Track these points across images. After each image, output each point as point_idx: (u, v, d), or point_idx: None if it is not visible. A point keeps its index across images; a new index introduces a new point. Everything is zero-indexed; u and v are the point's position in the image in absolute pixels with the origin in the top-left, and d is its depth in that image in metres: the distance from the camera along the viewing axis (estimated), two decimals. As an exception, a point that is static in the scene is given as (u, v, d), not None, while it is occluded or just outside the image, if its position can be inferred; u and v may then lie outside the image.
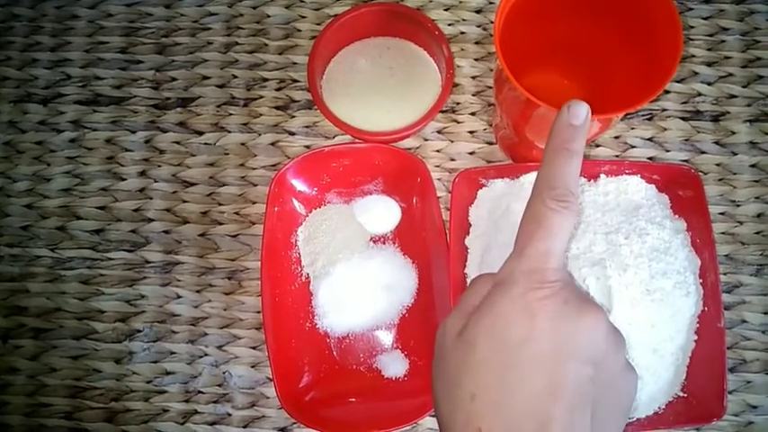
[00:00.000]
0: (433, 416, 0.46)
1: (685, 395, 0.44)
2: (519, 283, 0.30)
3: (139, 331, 0.52)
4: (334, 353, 0.50)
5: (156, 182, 0.54)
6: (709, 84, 0.53)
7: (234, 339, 0.51)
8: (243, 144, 0.54)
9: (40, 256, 0.53)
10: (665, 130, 0.53)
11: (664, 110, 0.53)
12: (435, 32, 0.49)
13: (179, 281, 0.52)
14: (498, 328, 0.30)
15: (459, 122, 0.54)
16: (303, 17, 0.56)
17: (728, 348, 0.48)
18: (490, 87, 0.54)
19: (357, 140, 0.51)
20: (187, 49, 0.56)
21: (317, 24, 0.56)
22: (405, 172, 0.50)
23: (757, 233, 0.51)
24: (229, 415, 0.50)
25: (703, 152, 0.52)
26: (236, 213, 0.53)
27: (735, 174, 0.52)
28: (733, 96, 0.53)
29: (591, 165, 0.48)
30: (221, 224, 0.53)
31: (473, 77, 0.54)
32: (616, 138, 0.53)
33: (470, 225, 0.49)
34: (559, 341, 0.29)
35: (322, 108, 0.49)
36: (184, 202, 0.54)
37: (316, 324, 0.50)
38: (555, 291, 0.30)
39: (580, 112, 0.32)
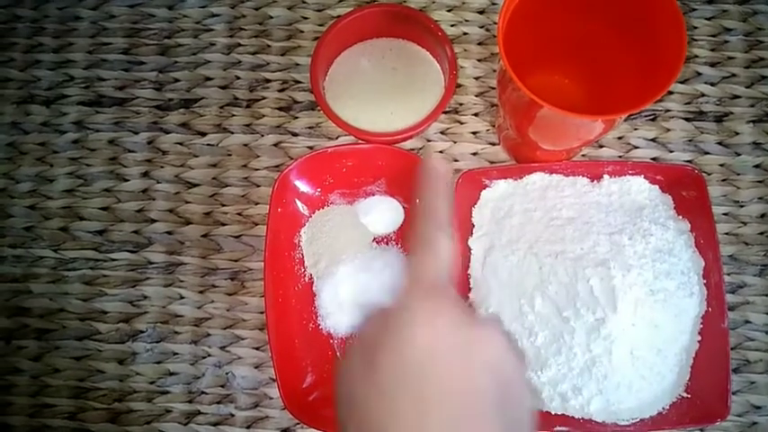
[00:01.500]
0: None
1: (689, 396, 0.44)
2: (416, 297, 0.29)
3: (142, 332, 0.52)
4: (338, 353, 0.50)
5: (158, 183, 0.54)
6: (712, 84, 0.53)
7: (237, 340, 0.51)
8: (246, 145, 0.54)
9: (43, 256, 0.54)
10: (669, 130, 0.53)
11: (667, 110, 0.53)
12: (438, 33, 0.49)
13: (182, 282, 0.52)
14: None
15: (462, 123, 0.54)
16: (306, 18, 0.56)
17: (732, 349, 0.48)
18: (493, 88, 0.54)
19: (360, 141, 0.51)
20: (190, 50, 0.56)
21: (320, 25, 0.56)
22: (408, 173, 0.49)
23: (761, 233, 0.51)
24: (232, 415, 0.50)
25: (707, 153, 0.52)
26: (239, 214, 0.53)
27: (738, 174, 0.52)
28: (736, 97, 0.53)
29: (594, 165, 0.48)
30: (224, 225, 0.53)
31: (476, 78, 0.54)
32: (619, 138, 0.53)
33: (473, 226, 0.49)
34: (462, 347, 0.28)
35: (325, 109, 0.49)
36: (187, 202, 0.54)
37: (319, 324, 0.50)
38: (451, 302, 0.29)
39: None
